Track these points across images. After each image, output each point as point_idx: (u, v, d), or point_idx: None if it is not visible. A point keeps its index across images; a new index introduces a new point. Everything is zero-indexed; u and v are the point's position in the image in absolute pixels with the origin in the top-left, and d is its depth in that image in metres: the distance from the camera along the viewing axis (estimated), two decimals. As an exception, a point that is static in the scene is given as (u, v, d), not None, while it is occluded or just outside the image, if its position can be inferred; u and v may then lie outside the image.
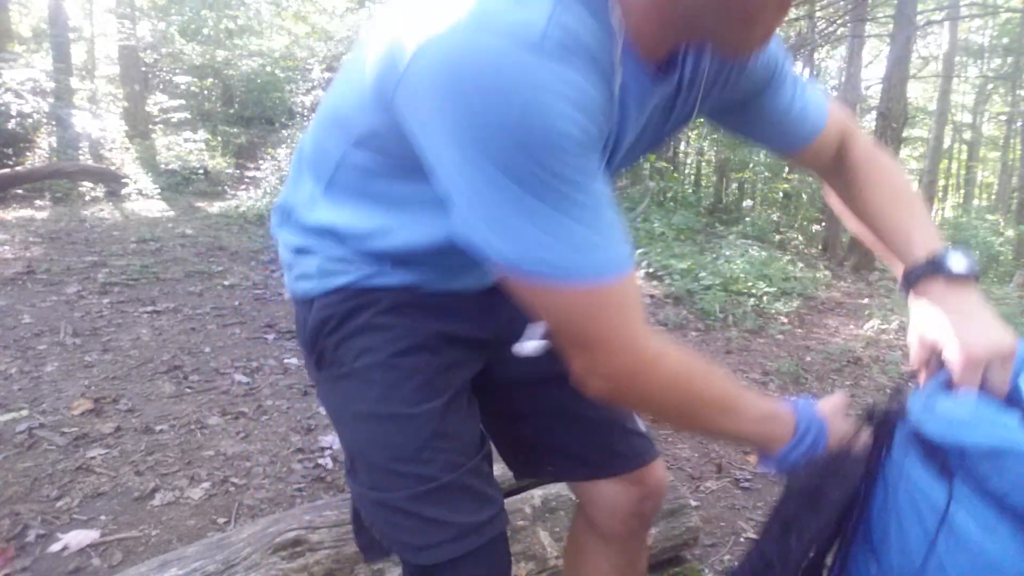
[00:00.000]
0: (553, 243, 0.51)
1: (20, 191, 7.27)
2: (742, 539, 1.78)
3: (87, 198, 7.60)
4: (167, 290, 4.06)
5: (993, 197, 20.81)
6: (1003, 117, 18.43)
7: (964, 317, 0.65)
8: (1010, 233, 13.43)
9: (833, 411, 0.72)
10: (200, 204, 8.15)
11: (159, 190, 8.56)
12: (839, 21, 9.20)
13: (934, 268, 0.67)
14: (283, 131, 12.37)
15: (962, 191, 21.70)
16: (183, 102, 12.08)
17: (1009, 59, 14.50)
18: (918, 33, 9.64)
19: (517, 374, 0.84)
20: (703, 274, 5.27)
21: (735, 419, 0.65)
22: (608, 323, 0.56)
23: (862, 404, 3.06)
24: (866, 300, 6.05)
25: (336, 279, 0.74)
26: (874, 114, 9.88)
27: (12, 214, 6.31)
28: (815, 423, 0.68)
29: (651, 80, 0.60)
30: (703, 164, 15.08)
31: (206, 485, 1.90)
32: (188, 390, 2.57)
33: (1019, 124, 16.91)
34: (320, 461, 2.09)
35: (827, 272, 7.50)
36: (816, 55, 13.81)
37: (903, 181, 0.80)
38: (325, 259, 0.74)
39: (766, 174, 12.49)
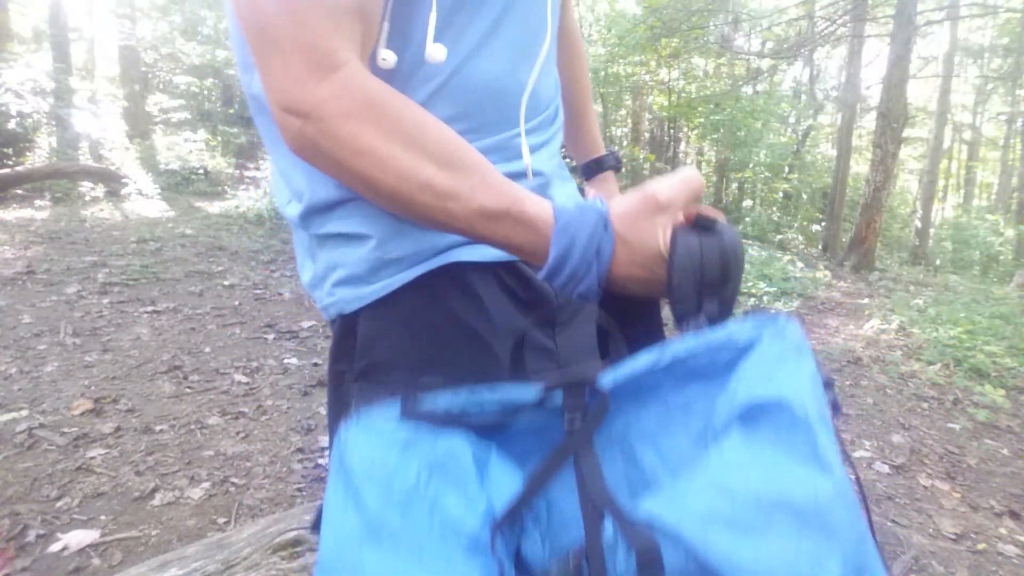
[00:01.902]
0: None
1: (20, 191, 7.27)
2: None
3: (87, 198, 7.60)
4: (167, 290, 4.06)
5: (993, 197, 20.81)
6: (1003, 117, 18.44)
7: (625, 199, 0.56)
8: (1010, 233, 13.43)
9: (642, 212, 0.50)
10: (200, 204, 8.15)
11: (159, 190, 8.57)
12: (839, 21, 9.20)
13: (614, 162, 0.89)
14: (283, 131, 12.37)
15: (962, 191, 21.70)
16: (183, 102, 12.09)
17: (1009, 59, 14.51)
18: (918, 33, 9.63)
19: None
20: (703, 274, 5.26)
21: (453, 204, 0.48)
22: (305, 24, 0.45)
23: (862, 405, 3.06)
24: (866, 300, 6.05)
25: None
26: (874, 114, 9.88)
27: (12, 214, 6.31)
28: (587, 241, 0.48)
29: None
30: (703, 164, 15.08)
31: (206, 485, 1.90)
32: (188, 390, 2.57)
33: (1019, 124, 16.92)
34: (320, 461, 2.09)
35: (827, 272, 7.50)
36: (816, 55, 13.82)
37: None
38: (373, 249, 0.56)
39: (766, 174, 12.51)
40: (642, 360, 0.44)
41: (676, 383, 0.45)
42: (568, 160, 0.99)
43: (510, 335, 0.59)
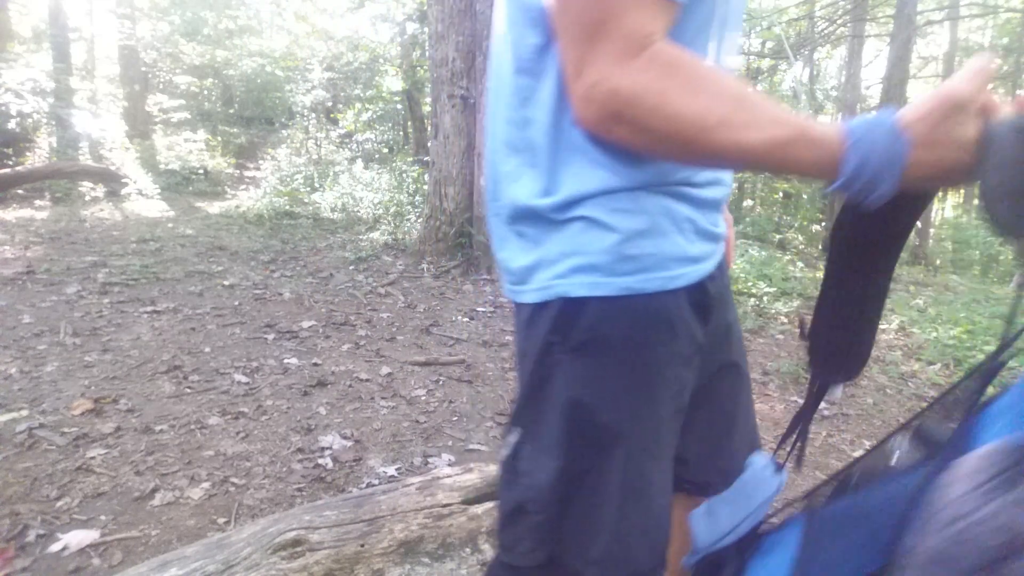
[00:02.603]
0: None
1: (20, 191, 7.27)
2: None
3: (87, 198, 7.60)
4: (167, 290, 4.06)
5: (993, 197, 20.74)
6: (1003, 117, 18.39)
7: (918, 103, 0.62)
8: (1010, 233, 13.40)
9: (941, 115, 0.52)
10: (200, 204, 8.15)
11: (159, 190, 8.57)
12: (839, 21, 9.20)
13: None
14: (283, 131, 12.38)
15: (962, 191, 21.69)
16: (183, 102, 12.10)
17: (1009, 59, 14.50)
18: (918, 33, 9.63)
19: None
20: (703, 274, 5.27)
21: (749, 135, 0.54)
22: (625, 15, 0.54)
23: (861, 405, 3.06)
24: (866, 300, 6.04)
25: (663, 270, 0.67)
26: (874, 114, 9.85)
27: (12, 214, 6.31)
28: (881, 154, 0.52)
29: None
30: (703, 164, 15.02)
31: (206, 485, 1.89)
32: (188, 390, 2.57)
33: (1019, 124, 16.86)
34: (320, 461, 2.09)
35: (827, 272, 7.49)
36: (816, 55, 13.81)
37: None
38: (631, 233, 0.64)
39: (766, 174, 12.47)
40: None
41: None
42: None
43: (689, 330, 0.71)
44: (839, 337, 0.72)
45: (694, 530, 0.77)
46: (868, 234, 0.63)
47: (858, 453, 2.50)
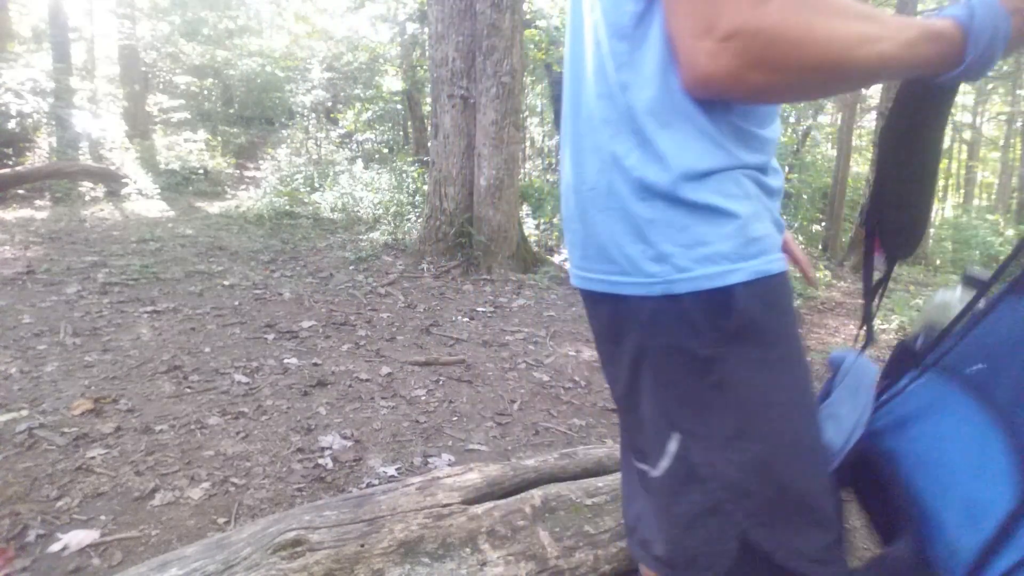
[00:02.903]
0: None
1: (20, 191, 7.28)
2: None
3: (87, 198, 7.60)
4: (167, 290, 4.06)
5: (993, 197, 20.82)
6: (1003, 117, 18.45)
7: None
8: (1010, 233, 13.44)
9: None
10: (200, 204, 8.16)
11: (159, 190, 8.57)
12: (839, 21, 9.19)
13: None
14: (283, 131, 12.38)
15: (962, 191, 21.71)
16: (183, 102, 12.11)
17: (1009, 59, 14.51)
18: (918, 33, 9.62)
19: None
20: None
21: (885, 45, 0.57)
22: None
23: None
24: (866, 300, 6.05)
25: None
26: (874, 114, 9.86)
27: (12, 214, 6.31)
28: (996, 29, 0.58)
29: None
30: (703, 164, 15.00)
31: (206, 485, 1.90)
32: (188, 390, 2.57)
33: (1019, 124, 16.92)
34: (320, 461, 2.09)
35: (827, 272, 7.51)
36: (816, 55, 13.78)
37: None
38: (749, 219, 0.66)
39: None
40: None
41: None
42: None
43: None
44: (901, 213, 0.76)
45: (825, 439, 0.76)
46: (927, 107, 0.68)
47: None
